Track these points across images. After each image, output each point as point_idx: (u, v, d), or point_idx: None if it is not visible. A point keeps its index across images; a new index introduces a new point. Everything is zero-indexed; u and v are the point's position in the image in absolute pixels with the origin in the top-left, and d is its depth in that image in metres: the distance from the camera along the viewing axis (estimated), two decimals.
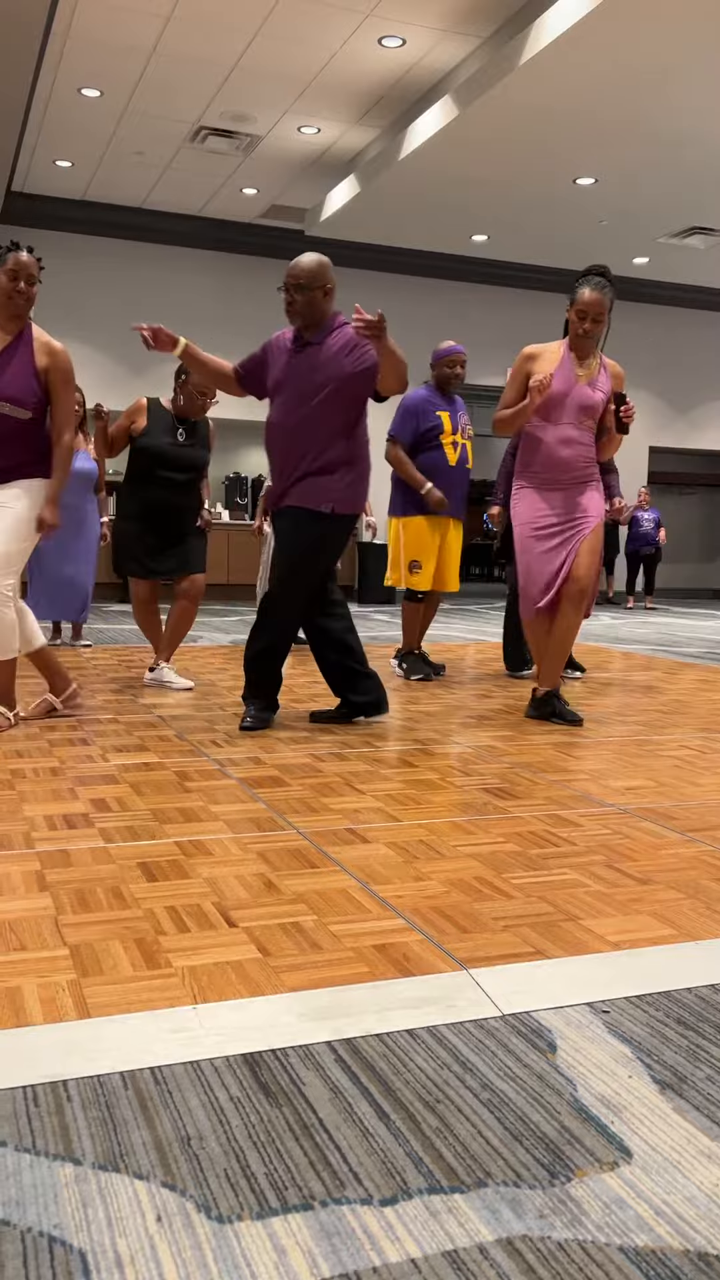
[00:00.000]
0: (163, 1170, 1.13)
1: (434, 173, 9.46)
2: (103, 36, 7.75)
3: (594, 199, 10.25)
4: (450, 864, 2.21)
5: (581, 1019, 1.52)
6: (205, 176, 10.56)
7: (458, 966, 1.68)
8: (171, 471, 4.65)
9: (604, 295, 3.88)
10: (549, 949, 1.76)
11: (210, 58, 8.05)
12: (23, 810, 2.57)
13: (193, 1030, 1.44)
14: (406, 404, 5.09)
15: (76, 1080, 1.31)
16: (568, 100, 7.92)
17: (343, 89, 8.63)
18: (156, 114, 9.09)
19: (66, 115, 9.18)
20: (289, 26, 7.55)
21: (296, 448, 3.68)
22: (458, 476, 5.08)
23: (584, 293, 3.89)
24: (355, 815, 2.60)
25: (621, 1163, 1.17)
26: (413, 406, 5.07)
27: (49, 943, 1.73)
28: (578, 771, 3.17)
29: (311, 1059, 1.38)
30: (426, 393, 5.14)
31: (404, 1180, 1.12)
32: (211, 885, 2.03)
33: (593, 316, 3.87)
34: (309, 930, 1.81)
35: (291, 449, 3.69)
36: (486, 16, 7.47)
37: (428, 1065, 1.37)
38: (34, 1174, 1.12)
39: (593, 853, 2.32)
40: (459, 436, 5.10)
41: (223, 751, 3.35)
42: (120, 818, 2.52)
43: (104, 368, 11.83)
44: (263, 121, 9.24)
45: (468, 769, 3.17)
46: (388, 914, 1.90)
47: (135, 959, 1.67)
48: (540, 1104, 1.28)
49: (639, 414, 14.25)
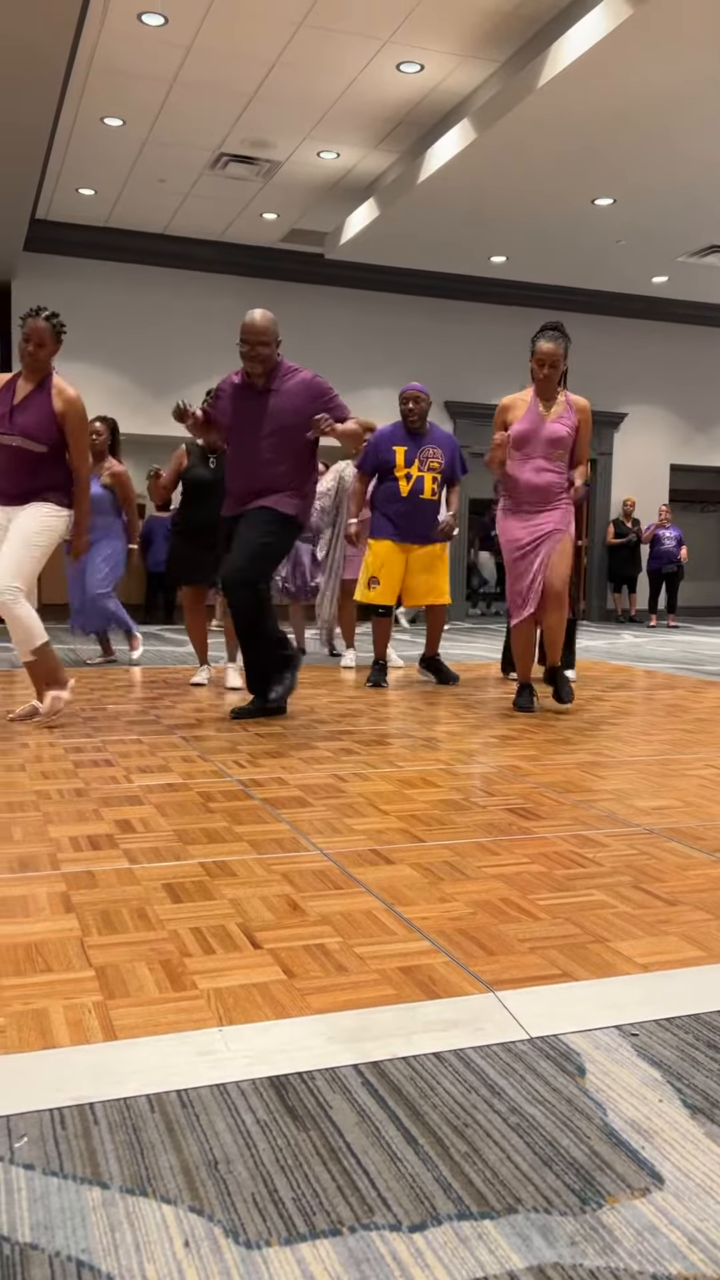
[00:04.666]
0: (190, 1194, 1.13)
1: (452, 195, 9.52)
2: (125, 66, 7.87)
3: (612, 219, 10.28)
4: (475, 885, 2.20)
5: (610, 1042, 1.50)
6: (226, 202, 10.67)
7: (484, 989, 1.66)
8: (210, 495, 5.37)
9: (558, 345, 4.59)
10: (576, 971, 1.74)
11: (230, 86, 8.16)
12: (48, 832, 2.58)
13: (219, 1053, 1.44)
14: (370, 439, 5.77)
15: (103, 1103, 1.30)
16: (586, 122, 7.96)
17: (361, 114, 8.71)
18: (178, 142, 9.21)
19: (89, 144, 9.31)
20: (308, 54, 7.64)
21: (253, 476, 4.31)
22: (410, 505, 5.65)
23: (541, 345, 4.62)
24: (379, 836, 2.59)
25: (653, 1189, 1.15)
26: (374, 441, 5.75)
27: (75, 964, 1.73)
28: (602, 791, 3.15)
29: (338, 1082, 1.37)
30: (390, 429, 5.77)
31: (433, 1206, 1.11)
32: (236, 906, 2.03)
33: (549, 364, 4.59)
34: (334, 952, 1.80)
35: (249, 477, 4.32)
36: (504, 41, 7.53)
37: (455, 1089, 1.36)
38: (62, 1197, 1.12)
39: (619, 873, 2.30)
40: (414, 469, 5.65)
41: (246, 772, 3.36)
42: (145, 839, 2.52)
43: (127, 392, 11.93)
44: (283, 147, 9.34)
45: (491, 789, 3.16)
46: (413, 936, 1.89)
47: (161, 980, 1.67)
48: (570, 1128, 1.27)
49: (660, 431, 14.24)
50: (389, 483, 5.66)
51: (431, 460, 5.66)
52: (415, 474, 5.63)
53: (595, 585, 13.92)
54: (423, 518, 5.66)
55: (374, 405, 12.05)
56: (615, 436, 13.97)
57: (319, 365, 12.45)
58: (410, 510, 5.63)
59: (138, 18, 7.16)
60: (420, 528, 5.67)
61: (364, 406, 11.50)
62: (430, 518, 5.70)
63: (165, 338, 11.94)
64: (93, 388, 11.85)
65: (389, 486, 5.65)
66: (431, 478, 5.65)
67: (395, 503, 5.63)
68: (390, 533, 5.65)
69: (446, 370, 13.07)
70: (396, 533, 5.65)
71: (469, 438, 13.20)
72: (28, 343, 4.13)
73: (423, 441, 5.68)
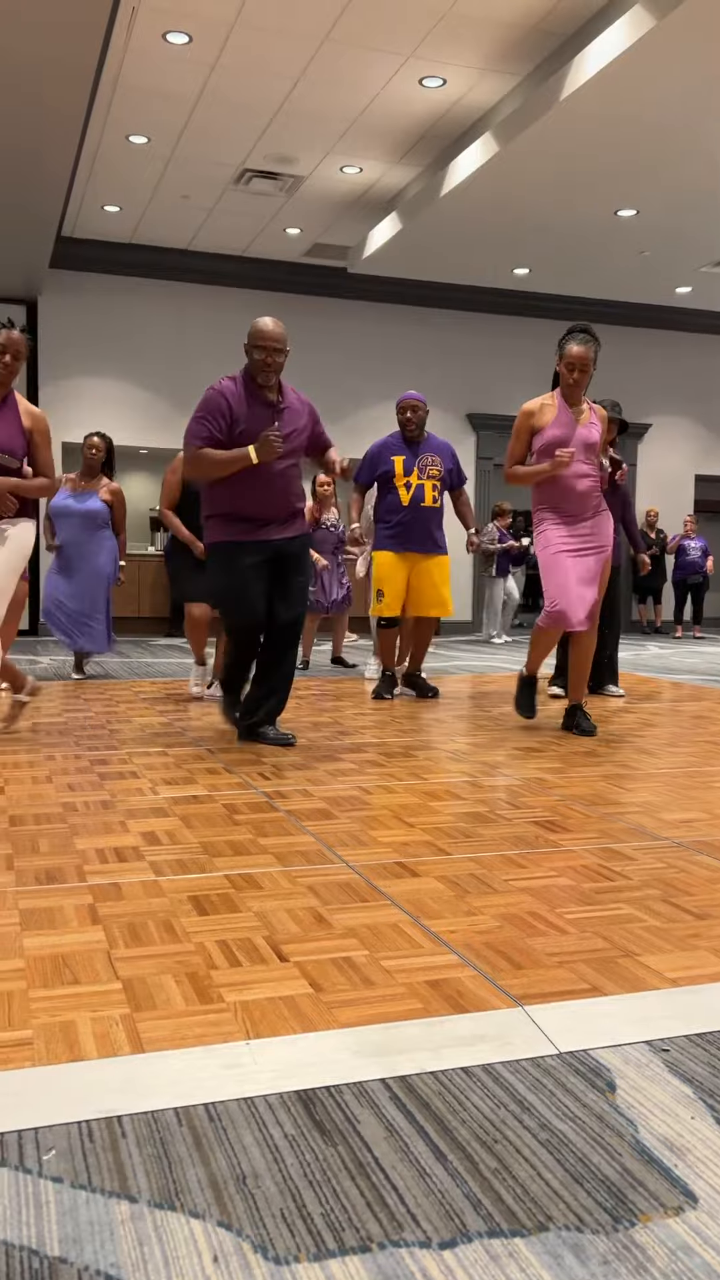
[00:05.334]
0: (218, 1209, 1.12)
1: (475, 208, 9.55)
2: (150, 85, 7.95)
3: (635, 230, 10.28)
4: (502, 898, 2.19)
5: (640, 1058, 1.48)
6: (249, 217, 10.75)
7: (512, 1003, 1.65)
8: None
9: (589, 349, 4.35)
10: (605, 986, 1.73)
11: (254, 103, 8.22)
12: (74, 844, 2.59)
13: (246, 1066, 1.43)
14: (368, 451, 5.77)
15: (131, 1116, 1.30)
16: (608, 134, 7.96)
17: (384, 129, 8.76)
18: (202, 158, 9.29)
19: (115, 162, 9.40)
20: (331, 71, 7.69)
21: (277, 495, 4.03)
22: (412, 514, 5.58)
23: (571, 348, 4.35)
24: (404, 848, 2.58)
25: (686, 1207, 1.13)
26: (371, 453, 5.73)
27: (102, 976, 1.74)
28: (629, 804, 3.12)
29: (366, 1096, 1.36)
30: (388, 439, 5.74)
31: (463, 1222, 1.10)
32: (262, 919, 2.03)
33: (580, 368, 4.34)
34: (361, 965, 1.80)
35: (274, 496, 4.03)
36: (526, 54, 7.56)
37: (484, 1104, 1.35)
38: (90, 1211, 1.12)
39: (648, 887, 2.28)
40: (414, 478, 5.60)
41: (270, 784, 3.36)
42: (170, 851, 2.52)
43: (151, 406, 12.02)
44: (305, 162, 9.40)
45: (517, 801, 3.14)
46: (440, 949, 1.88)
47: (188, 993, 1.67)
48: (601, 1145, 1.25)
49: (684, 441, 14.18)
50: (389, 494, 5.62)
51: (431, 468, 5.62)
52: (415, 482, 5.58)
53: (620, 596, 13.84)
54: (424, 526, 5.61)
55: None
56: (639, 447, 13.92)
57: (342, 379, 12.51)
58: (411, 519, 5.58)
59: (163, 37, 7.24)
60: (422, 536, 5.61)
61: (387, 421, 11.51)
62: (432, 526, 5.64)
63: (189, 352, 12.02)
64: (117, 401, 11.95)
65: (390, 498, 5.62)
66: (432, 485, 5.61)
67: (397, 512, 5.58)
68: (391, 544, 5.60)
69: (470, 382, 13.09)
70: (398, 543, 5.59)
71: (493, 449, 13.20)
72: (4, 354, 4.00)
73: (420, 450, 5.65)
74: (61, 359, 11.66)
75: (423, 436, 5.69)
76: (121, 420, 11.87)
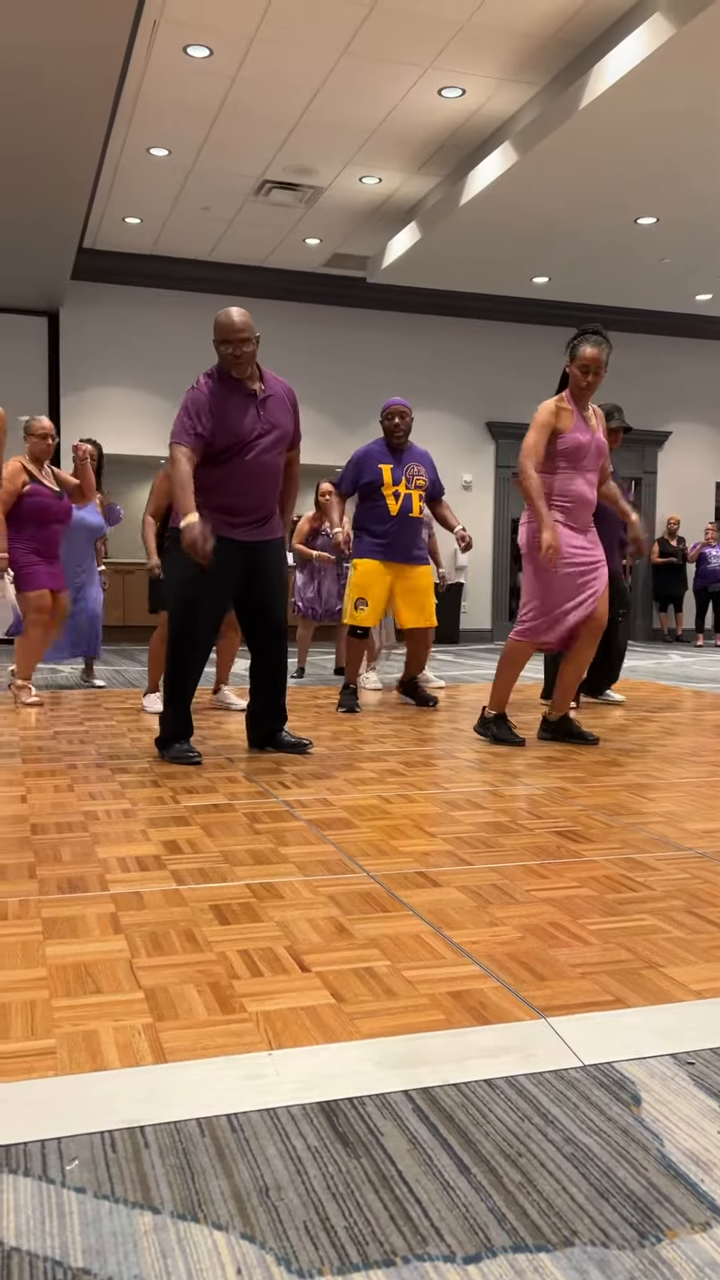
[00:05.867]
0: (242, 1221, 1.12)
1: (494, 218, 9.56)
2: (170, 98, 8.01)
3: (656, 238, 10.26)
4: (524, 909, 2.17)
5: (666, 1071, 1.47)
6: (269, 228, 10.80)
7: (536, 1015, 1.64)
8: None
9: (602, 350, 4.25)
10: (629, 997, 1.71)
11: (274, 115, 8.27)
12: (96, 852, 2.59)
13: (268, 1077, 1.43)
14: (352, 457, 5.63)
15: (154, 1126, 1.30)
16: (628, 142, 7.95)
17: (403, 139, 8.78)
18: (222, 170, 9.34)
19: (136, 174, 9.47)
20: (350, 82, 7.73)
21: (262, 488, 3.95)
22: (399, 525, 5.49)
23: (586, 349, 4.23)
24: (425, 858, 2.57)
25: (714, 1223, 1.12)
26: (356, 459, 5.59)
27: (124, 986, 1.74)
28: (652, 814, 3.10)
29: (389, 1108, 1.35)
30: (373, 447, 5.61)
31: (487, 1237, 1.09)
32: (283, 929, 2.02)
33: (594, 370, 4.23)
34: (382, 976, 1.79)
35: (258, 489, 3.94)
36: (545, 64, 7.56)
37: (508, 1117, 1.34)
38: (113, 1222, 1.11)
39: (672, 897, 2.26)
40: (402, 487, 5.49)
41: (291, 793, 3.35)
42: (191, 860, 2.53)
43: (170, 416, 12.06)
44: (325, 173, 9.44)
45: (538, 811, 3.13)
46: (462, 960, 1.87)
47: (210, 1003, 1.67)
48: (626, 1159, 1.24)
49: (705, 449, 14.11)
50: (375, 503, 5.49)
51: (417, 478, 5.54)
52: (404, 492, 5.49)
53: (641, 605, 13.79)
54: (411, 536, 5.53)
55: (417, 427, 12.08)
56: (660, 455, 13.87)
57: (361, 388, 12.54)
58: (398, 529, 5.48)
59: (183, 50, 7.29)
60: (409, 547, 5.53)
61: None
62: (417, 536, 5.58)
63: (209, 362, 12.06)
64: (138, 411, 12.02)
65: (376, 507, 5.49)
66: (418, 495, 5.54)
67: (383, 522, 5.48)
68: (376, 553, 5.49)
69: (489, 391, 13.08)
70: (383, 553, 5.48)
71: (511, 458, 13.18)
72: None
73: (405, 459, 5.57)
74: (83, 369, 11.75)
75: (407, 444, 5.62)
76: (142, 430, 11.95)
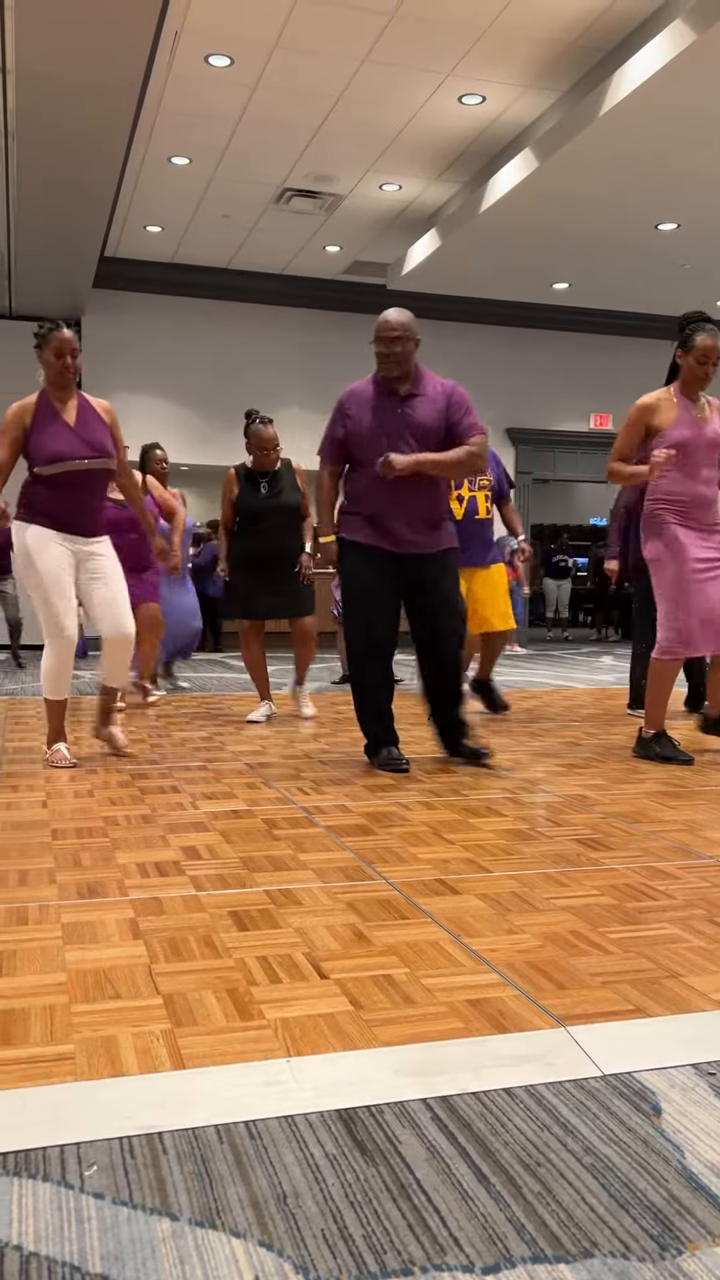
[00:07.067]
0: (259, 1229, 1.12)
1: (514, 224, 9.56)
2: (191, 107, 8.06)
3: (676, 243, 10.23)
4: (544, 917, 2.16)
5: (686, 1081, 1.46)
6: (289, 236, 10.84)
7: (555, 1024, 1.63)
8: (263, 522, 5.20)
9: (719, 340, 4.06)
10: (650, 1007, 1.70)
11: (294, 122, 8.30)
12: (116, 858, 2.60)
13: (286, 1084, 1.43)
14: None
15: (172, 1132, 1.30)
16: (648, 148, 7.94)
17: (423, 146, 8.80)
18: (242, 178, 9.39)
19: (157, 183, 9.53)
20: (371, 90, 7.75)
21: (417, 495, 3.81)
22: (464, 528, 5.37)
23: (703, 339, 4.04)
24: (444, 865, 2.57)
25: None
26: None
27: (143, 991, 1.74)
28: (673, 822, 3.08)
29: (407, 1116, 1.35)
30: None
31: (506, 1247, 1.09)
32: (302, 935, 2.02)
33: (713, 360, 4.03)
34: (401, 983, 1.78)
35: (411, 496, 3.80)
36: (565, 71, 7.57)
37: (527, 1126, 1.33)
38: (131, 1228, 1.11)
39: (693, 906, 2.25)
40: (465, 490, 5.42)
41: (310, 799, 3.35)
42: (210, 865, 2.53)
43: (193, 424, 12.13)
44: (345, 181, 9.47)
45: (558, 819, 3.11)
46: (481, 968, 1.86)
47: (228, 1009, 1.67)
48: (646, 1170, 1.23)
49: None
50: None
51: (481, 479, 5.46)
52: (468, 494, 5.42)
53: None
54: (478, 539, 5.47)
55: None
56: None
57: None
58: (465, 534, 5.39)
59: (204, 59, 7.34)
60: (476, 550, 5.48)
61: None
62: (484, 538, 5.52)
63: (229, 370, 12.13)
64: (158, 419, 12.08)
65: None
66: (484, 496, 5.48)
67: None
68: None
69: (509, 397, 13.07)
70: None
71: (533, 464, 13.18)
72: (61, 357, 3.95)
73: None
74: (105, 377, 11.81)
75: None
76: (165, 437, 11.97)
